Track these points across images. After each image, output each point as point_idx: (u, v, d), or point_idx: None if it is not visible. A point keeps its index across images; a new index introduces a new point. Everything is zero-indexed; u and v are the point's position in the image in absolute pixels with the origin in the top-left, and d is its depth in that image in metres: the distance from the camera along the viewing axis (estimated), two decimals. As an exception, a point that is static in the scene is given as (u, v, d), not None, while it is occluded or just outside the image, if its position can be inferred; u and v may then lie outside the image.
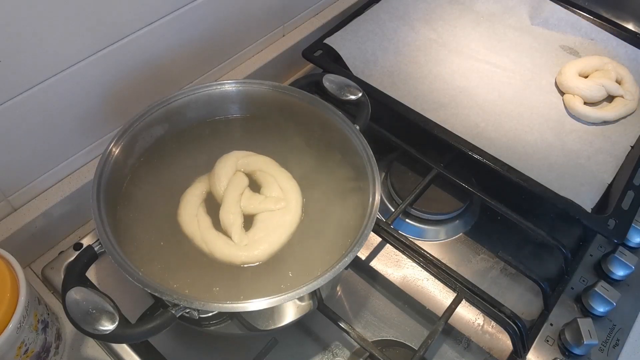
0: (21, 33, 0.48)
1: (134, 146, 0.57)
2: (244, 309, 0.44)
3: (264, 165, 0.59)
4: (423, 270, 0.62)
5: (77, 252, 0.51)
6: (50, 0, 0.49)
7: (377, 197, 0.52)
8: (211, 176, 0.58)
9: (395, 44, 0.82)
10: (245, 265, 0.52)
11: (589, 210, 0.63)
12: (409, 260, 0.63)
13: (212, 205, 0.56)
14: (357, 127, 0.58)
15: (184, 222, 0.54)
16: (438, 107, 0.74)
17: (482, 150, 0.67)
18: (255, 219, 0.55)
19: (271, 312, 0.54)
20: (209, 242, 0.53)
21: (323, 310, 0.57)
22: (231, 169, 0.58)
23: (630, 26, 0.93)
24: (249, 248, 0.53)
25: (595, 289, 0.62)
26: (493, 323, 0.62)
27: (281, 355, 0.58)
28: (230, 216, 0.54)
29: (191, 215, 0.54)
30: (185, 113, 0.60)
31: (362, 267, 0.67)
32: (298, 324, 0.60)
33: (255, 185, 0.58)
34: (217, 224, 0.55)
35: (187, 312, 0.45)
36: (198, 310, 0.45)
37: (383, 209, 0.72)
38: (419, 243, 0.64)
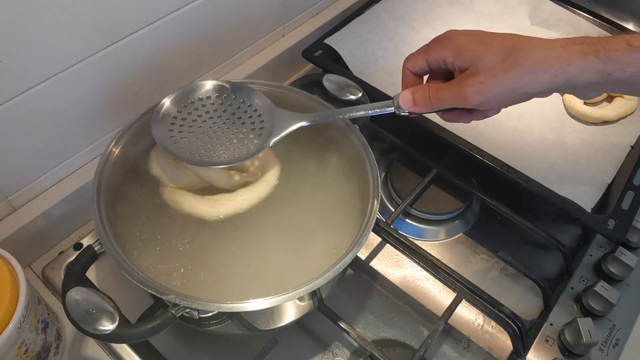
0: (21, 33, 0.48)
1: (134, 146, 0.57)
2: (244, 309, 0.44)
3: None
4: (423, 270, 0.62)
5: (77, 252, 0.51)
6: (50, 0, 0.49)
7: (377, 198, 0.52)
8: None
9: (395, 44, 0.82)
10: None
11: (589, 210, 0.63)
12: (408, 260, 0.63)
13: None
14: (357, 127, 0.58)
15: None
16: (438, 107, 0.74)
17: (482, 150, 0.67)
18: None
19: (271, 312, 0.54)
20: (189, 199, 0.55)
21: (323, 310, 0.58)
22: None
23: (630, 26, 0.93)
24: (214, 204, 0.55)
25: (595, 289, 0.62)
26: (493, 323, 0.62)
27: (281, 355, 0.58)
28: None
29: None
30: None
31: (362, 267, 0.67)
32: (298, 324, 0.60)
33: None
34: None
35: (187, 312, 0.45)
36: (198, 310, 0.45)
37: (383, 209, 0.72)
38: (419, 243, 0.64)
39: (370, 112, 0.51)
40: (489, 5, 0.89)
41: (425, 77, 0.52)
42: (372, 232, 0.51)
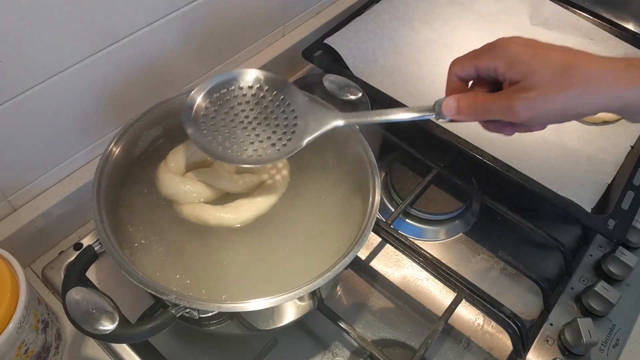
0: (21, 33, 0.48)
1: (134, 146, 0.57)
2: (244, 309, 0.44)
3: None
4: (423, 270, 0.62)
5: (77, 252, 0.51)
6: (51, 0, 0.49)
7: (377, 197, 0.52)
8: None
9: (395, 44, 0.82)
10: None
11: (589, 210, 0.63)
12: (409, 260, 0.63)
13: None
14: (357, 127, 0.58)
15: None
16: (438, 107, 0.74)
17: (482, 150, 0.67)
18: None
19: (271, 312, 0.54)
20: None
21: (323, 310, 0.58)
22: None
23: (630, 26, 0.93)
24: (237, 210, 0.54)
25: (595, 289, 0.62)
26: (493, 323, 0.62)
27: (281, 355, 0.58)
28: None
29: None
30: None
31: (362, 267, 0.67)
32: (298, 323, 0.60)
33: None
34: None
35: (187, 312, 0.45)
36: (198, 310, 0.45)
37: (383, 209, 0.72)
38: (419, 243, 0.64)
39: (410, 116, 0.49)
40: (489, 5, 0.89)
41: (470, 82, 0.50)
42: (372, 232, 0.51)
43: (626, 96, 0.42)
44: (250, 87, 0.54)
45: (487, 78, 0.48)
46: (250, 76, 0.54)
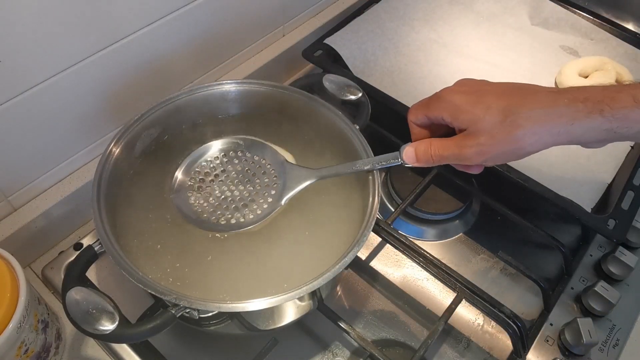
0: (21, 33, 0.48)
1: (134, 146, 0.57)
2: (244, 309, 0.44)
3: None
4: (423, 270, 0.62)
5: (77, 252, 0.51)
6: (51, 0, 0.49)
7: (377, 197, 0.52)
8: None
9: (395, 44, 0.82)
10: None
11: (589, 210, 0.63)
12: (409, 260, 0.63)
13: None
14: (357, 127, 0.58)
15: None
16: (438, 107, 0.74)
17: (482, 150, 0.67)
18: None
19: (271, 312, 0.54)
20: None
21: (323, 310, 0.57)
22: None
23: (630, 26, 0.93)
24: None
25: (595, 289, 0.62)
26: (493, 323, 0.62)
27: (281, 355, 0.58)
28: None
29: None
30: (186, 113, 0.60)
31: (362, 267, 0.67)
32: (298, 324, 0.60)
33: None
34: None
35: (187, 312, 0.45)
36: (198, 310, 0.45)
37: (383, 209, 0.73)
38: (419, 243, 0.64)
39: (377, 165, 0.53)
40: (489, 5, 0.89)
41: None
42: (372, 232, 0.51)
43: (573, 131, 0.44)
44: (227, 155, 0.57)
45: (441, 124, 0.50)
46: (222, 145, 0.58)
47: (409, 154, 0.51)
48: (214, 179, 0.56)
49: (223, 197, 0.55)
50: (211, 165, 0.57)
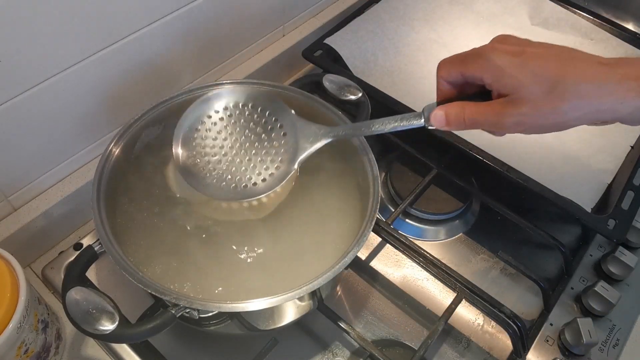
0: (21, 33, 0.48)
1: (134, 146, 0.57)
2: (244, 309, 0.44)
3: None
4: (423, 270, 0.62)
5: (77, 252, 0.51)
6: (51, 0, 0.49)
7: (377, 197, 0.52)
8: None
9: (395, 44, 0.82)
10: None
11: (589, 210, 0.63)
12: (409, 260, 0.63)
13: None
14: (357, 127, 0.58)
15: None
16: (438, 107, 0.74)
17: (482, 150, 0.67)
18: None
19: (271, 312, 0.54)
20: None
21: (323, 310, 0.57)
22: None
23: (630, 26, 0.93)
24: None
25: (595, 289, 0.62)
26: (493, 323, 0.62)
27: (281, 355, 0.58)
28: None
29: None
30: (185, 113, 0.60)
31: (362, 267, 0.67)
32: (298, 324, 0.60)
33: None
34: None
35: (187, 312, 0.45)
36: (198, 310, 0.45)
37: (383, 209, 0.73)
38: (419, 243, 0.64)
39: (398, 126, 0.49)
40: (489, 5, 0.89)
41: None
42: (372, 232, 0.51)
43: (620, 110, 0.41)
44: (234, 109, 0.52)
45: (475, 84, 0.47)
46: (233, 96, 0.52)
47: (438, 117, 0.46)
48: (217, 137, 0.52)
49: (230, 159, 0.50)
50: (213, 122, 0.51)
